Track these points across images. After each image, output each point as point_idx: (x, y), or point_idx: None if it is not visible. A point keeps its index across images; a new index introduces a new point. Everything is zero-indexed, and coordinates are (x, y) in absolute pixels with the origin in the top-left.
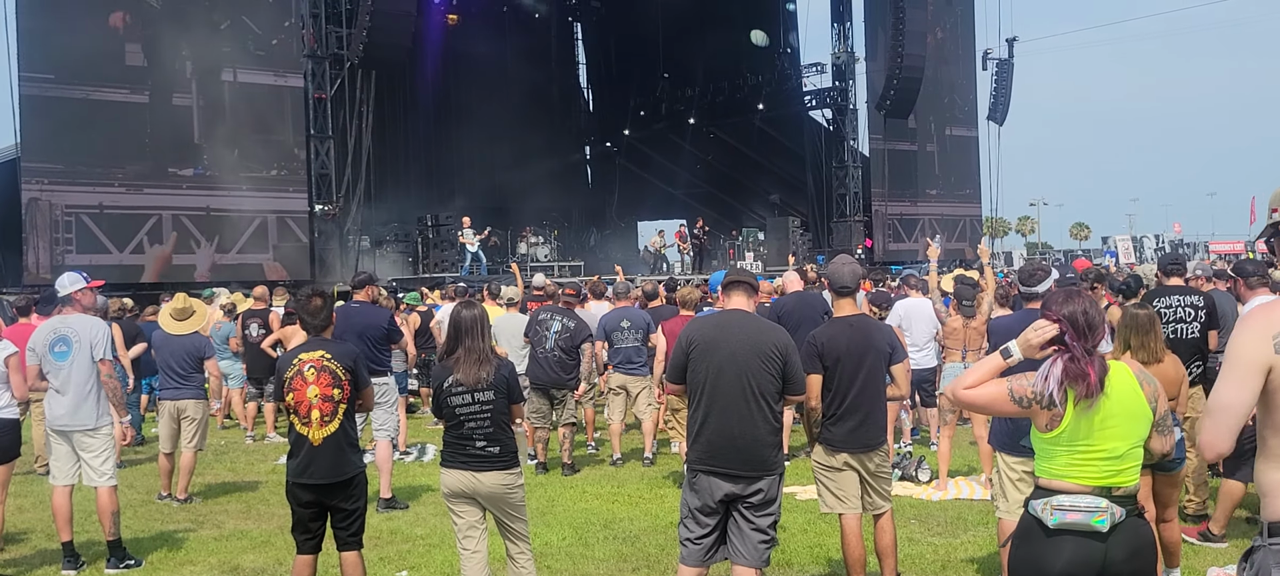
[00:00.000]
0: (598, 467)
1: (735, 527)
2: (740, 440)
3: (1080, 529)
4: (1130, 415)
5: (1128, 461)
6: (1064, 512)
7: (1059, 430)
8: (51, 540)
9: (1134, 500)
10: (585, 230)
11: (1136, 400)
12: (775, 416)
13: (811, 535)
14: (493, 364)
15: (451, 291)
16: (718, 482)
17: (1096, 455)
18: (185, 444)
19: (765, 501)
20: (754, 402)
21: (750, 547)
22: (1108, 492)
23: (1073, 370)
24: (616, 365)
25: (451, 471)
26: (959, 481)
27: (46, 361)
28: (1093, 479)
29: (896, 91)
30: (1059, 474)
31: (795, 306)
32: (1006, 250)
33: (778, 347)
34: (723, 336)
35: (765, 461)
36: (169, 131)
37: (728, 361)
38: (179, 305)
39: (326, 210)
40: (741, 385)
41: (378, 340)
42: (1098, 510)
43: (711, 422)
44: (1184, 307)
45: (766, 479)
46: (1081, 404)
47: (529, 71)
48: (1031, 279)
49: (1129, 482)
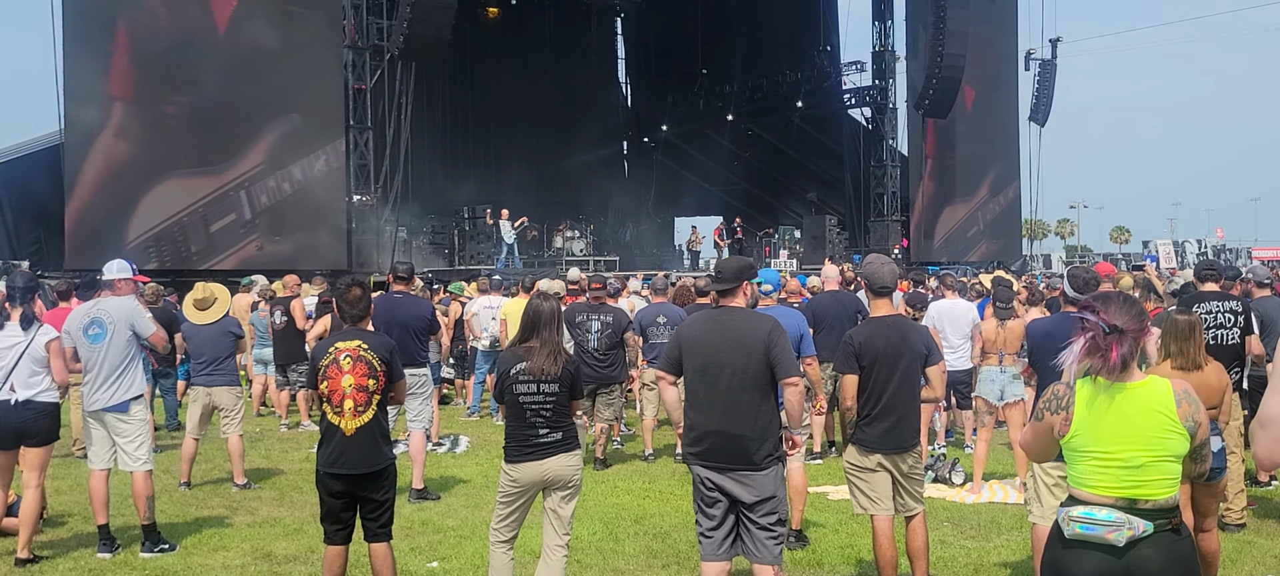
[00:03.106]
0: (629, 463)
1: (744, 529)
2: (726, 434)
3: (1096, 542)
4: (1155, 427)
5: (1152, 474)
6: (1080, 524)
7: (1071, 433)
8: (89, 523)
9: (1167, 514)
10: (621, 225)
11: (1166, 416)
12: (765, 410)
13: (843, 535)
14: (563, 356)
15: (485, 284)
16: (706, 472)
17: (1114, 463)
18: (226, 430)
19: (762, 499)
20: (738, 396)
21: (761, 546)
22: (1131, 504)
23: (1092, 344)
24: (650, 360)
25: (520, 465)
26: (993, 484)
27: (81, 344)
28: (1113, 488)
29: (936, 90)
30: (1081, 481)
31: (829, 305)
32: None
33: (761, 338)
34: (709, 333)
35: (751, 455)
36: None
37: (711, 358)
38: (200, 294)
39: (364, 201)
40: (726, 380)
41: (420, 331)
42: (1114, 525)
43: (699, 417)
44: (1223, 313)
45: (755, 475)
46: (1091, 390)
47: (568, 65)
48: (1087, 286)
49: (1157, 496)
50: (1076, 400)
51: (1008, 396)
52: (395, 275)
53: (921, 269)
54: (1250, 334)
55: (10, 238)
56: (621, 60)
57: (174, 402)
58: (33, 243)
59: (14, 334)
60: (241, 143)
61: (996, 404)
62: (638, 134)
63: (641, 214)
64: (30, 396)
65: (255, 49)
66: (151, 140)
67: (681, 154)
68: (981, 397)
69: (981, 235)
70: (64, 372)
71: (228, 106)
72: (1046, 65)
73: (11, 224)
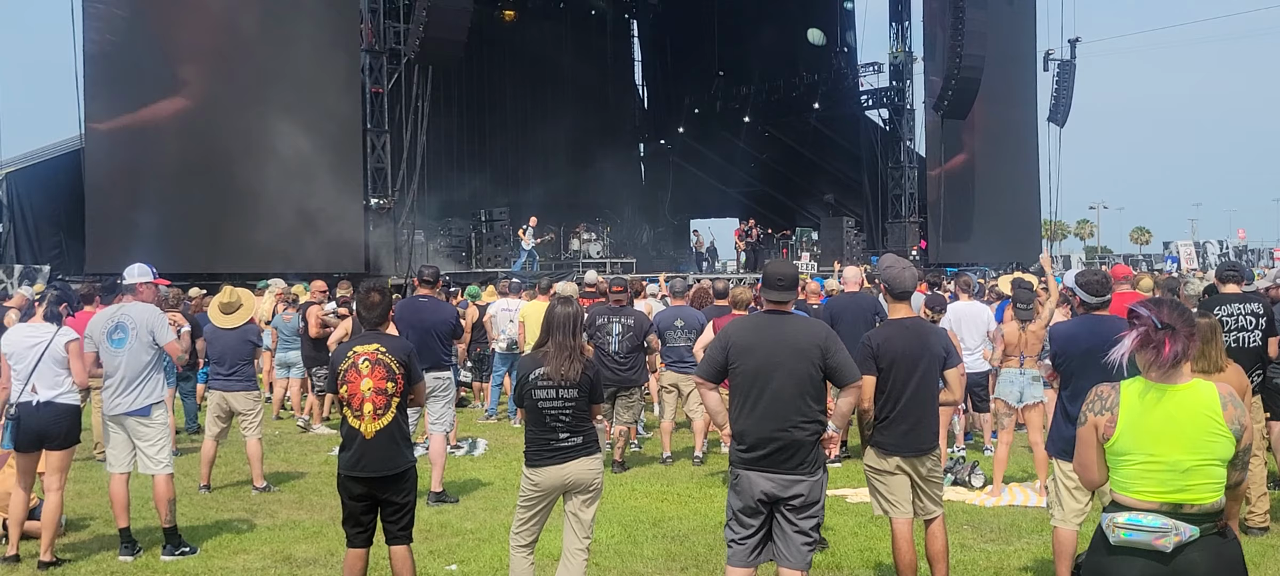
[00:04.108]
0: (647, 466)
1: (779, 530)
2: (780, 439)
3: (1142, 547)
4: (1201, 430)
5: (1198, 477)
6: (1127, 531)
7: (1115, 435)
8: (110, 526)
9: (1213, 518)
10: (638, 227)
11: (1212, 418)
12: (816, 416)
13: (862, 538)
14: (582, 361)
15: (505, 287)
16: (757, 479)
17: (1160, 466)
18: (244, 433)
19: (807, 503)
20: (793, 403)
21: (794, 549)
22: (1176, 509)
23: (1144, 338)
24: (669, 363)
25: (541, 469)
26: (1013, 487)
27: (103, 348)
28: (1158, 493)
29: (954, 92)
30: (1125, 485)
31: (847, 306)
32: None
33: (817, 343)
34: (761, 337)
35: (804, 461)
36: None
37: (766, 361)
38: (226, 299)
39: (381, 204)
40: (781, 385)
41: (445, 335)
42: (1161, 531)
43: (752, 422)
44: (1245, 316)
45: (807, 481)
46: (1136, 392)
47: (584, 68)
48: (1102, 289)
49: (1203, 500)
50: (1121, 401)
51: (1027, 398)
52: (420, 279)
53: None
54: (1274, 336)
55: (32, 242)
56: (638, 63)
57: (194, 406)
58: (54, 246)
59: (36, 333)
60: (259, 146)
61: (1016, 406)
62: (654, 136)
63: (658, 216)
64: (52, 397)
65: (273, 53)
66: (170, 144)
67: (698, 156)
68: (1001, 399)
69: (1000, 237)
70: (84, 375)
71: (246, 110)
72: (1065, 65)
73: (33, 228)
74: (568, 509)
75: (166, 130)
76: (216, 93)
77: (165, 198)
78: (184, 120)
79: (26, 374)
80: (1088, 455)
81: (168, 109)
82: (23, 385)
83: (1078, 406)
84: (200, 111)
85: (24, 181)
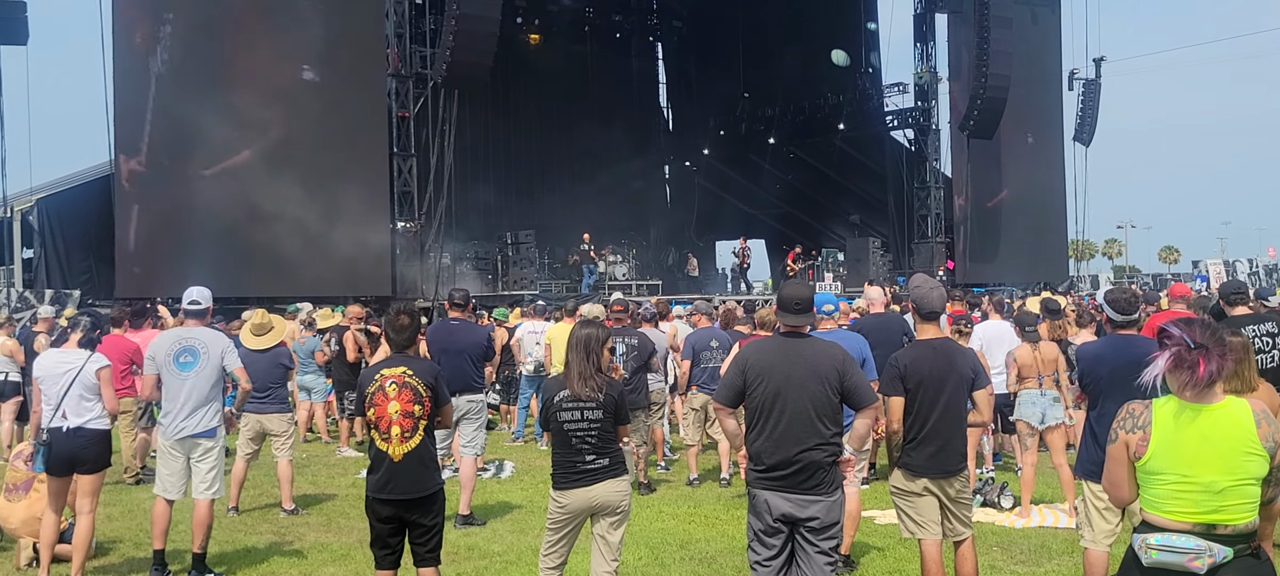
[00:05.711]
0: (674, 487)
1: (801, 552)
2: (799, 462)
3: (1176, 569)
4: (1236, 450)
5: (1232, 498)
6: (1159, 552)
7: (1148, 454)
8: (139, 549)
9: (1246, 538)
10: (664, 249)
11: (1247, 436)
12: (833, 438)
13: (891, 559)
14: (601, 381)
15: (531, 310)
16: (774, 498)
17: (1194, 487)
18: (277, 455)
19: (825, 525)
20: (811, 425)
21: (817, 570)
22: (1210, 530)
23: (1177, 358)
24: (700, 384)
25: (568, 492)
26: (1043, 508)
27: (168, 370)
28: (1191, 514)
29: (980, 111)
30: (1157, 505)
31: (874, 327)
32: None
33: (835, 366)
34: (780, 360)
35: (821, 483)
36: None
37: (785, 384)
38: (258, 321)
39: (408, 227)
40: (799, 408)
41: (477, 358)
42: (1194, 552)
43: (769, 444)
44: (1260, 337)
45: (824, 502)
46: (1170, 411)
47: (609, 90)
48: (1130, 308)
49: (1237, 520)
50: (1154, 420)
51: (1049, 419)
52: (451, 302)
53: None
54: None
55: (62, 267)
56: (662, 84)
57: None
58: (84, 271)
59: (69, 359)
60: (286, 171)
61: (1038, 427)
62: (679, 158)
63: (684, 238)
64: (81, 423)
65: (299, 79)
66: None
67: (723, 177)
68: (1023, 420)
69: (1027, 257)
70: (114, 402)
71: (273, 136)
72: (1090, 85)
73: (64, 254)
74: (595, 531)
75: (196, 159)
76: (244, 118)
77: (193, 223)
78: (212, 146)
79: (58, 399)
80: (1118, 473)
81: (196, 135)
82: (54, 410)
83: (1105, 427)
84: (228, 137)
85: (55, 207)
